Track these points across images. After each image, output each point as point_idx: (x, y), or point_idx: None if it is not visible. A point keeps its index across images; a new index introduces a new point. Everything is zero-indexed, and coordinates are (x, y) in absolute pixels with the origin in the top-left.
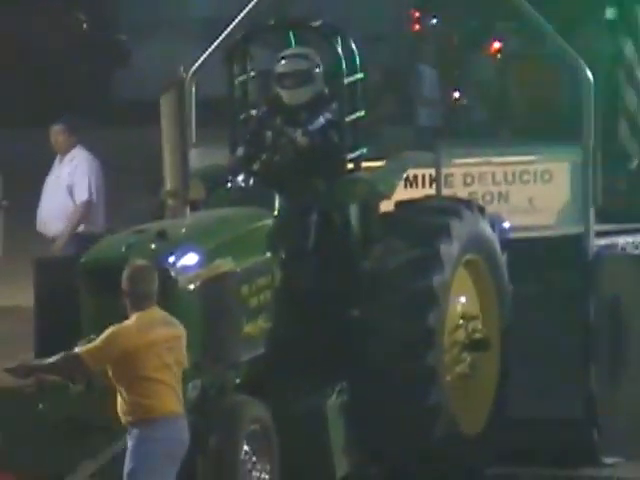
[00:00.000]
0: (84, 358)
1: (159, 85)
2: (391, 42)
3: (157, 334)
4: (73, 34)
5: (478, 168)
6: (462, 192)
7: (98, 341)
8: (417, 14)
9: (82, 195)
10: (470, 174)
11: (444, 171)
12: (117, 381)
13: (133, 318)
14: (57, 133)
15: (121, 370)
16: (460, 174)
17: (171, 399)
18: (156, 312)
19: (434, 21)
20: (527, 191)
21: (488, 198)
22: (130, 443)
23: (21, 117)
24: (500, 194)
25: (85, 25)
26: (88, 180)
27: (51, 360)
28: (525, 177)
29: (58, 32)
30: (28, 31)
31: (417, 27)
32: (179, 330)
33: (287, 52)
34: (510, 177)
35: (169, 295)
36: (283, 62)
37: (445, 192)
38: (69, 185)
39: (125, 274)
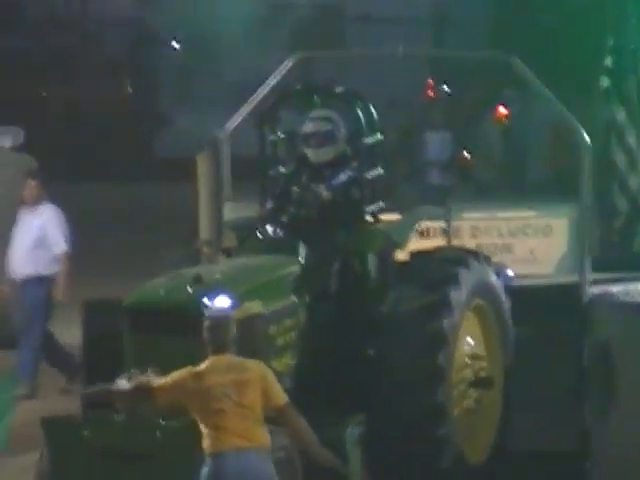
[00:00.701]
0: (155, 390)
1: (196, 145)
2: (406, 107)
3: (215, 380)
4: (118, 99)
5: (485, 222)
6: (470, 243)
7: (170, 377)
8: (431, 81)
9: (61, 245)
10: (477, 227)
11: (453, 224)
12: (193, 415)
13: (205, 363)
14: (32, 187)
15: (190, 407)
16: (468, 227)
17: (226, 437)
18: (226, 359)
19: (446, 88)
20: (529, 243)
21: (493, 249)
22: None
23: (72, 172)
24: (504, 246)
25: (130, 90)
26: (62, 232)
27: (125, 388)
28: (527, 231)
29: (105, 98)
30: (77, 96)
31: (430, 93)
32: (244, 376)
33: (313, 114)
34: (513, 230)
35: (202, 335)
36: (309, 124)
37: (454, 243)
38: (40, 237)
39: (205, 323)
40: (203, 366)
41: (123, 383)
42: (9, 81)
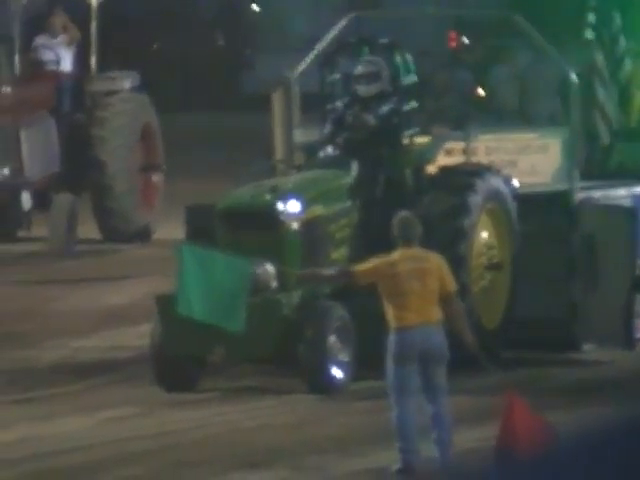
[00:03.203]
0: (355, 274)
1: (272, 84)
2: (435, 54)
3: (403, 267)
4: (212, 49)
5: (496, 142)
6: (484, 159)
7: (366, 264)
8: (453, 34)
9: None
10: (490, 147)
11: (471, 145)
12: (382, 295)
13: (395, 253)
14: None
15: (382, 288)
16: (483, 147)
17: (409, 315)
18: (411, 251)
19: (465, 39)
20: (530, 159)
21: (503, 164)
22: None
23: (179, 106)
24: (511, 161)
25: (221, 41)
26: None
27: (330, 271)
28: (529, 149)
29: (202, 48)
30: (180, 47)
31: (453, 44)
32: (427, 264)
33: (362, 59)
34: (518, 149)
35: (278, 231)
36: (359, 66)
37: (472, 159)
38: None
39: (394, 221)
40: (395, 256)
41: (328, 269)
42: (126, 36)
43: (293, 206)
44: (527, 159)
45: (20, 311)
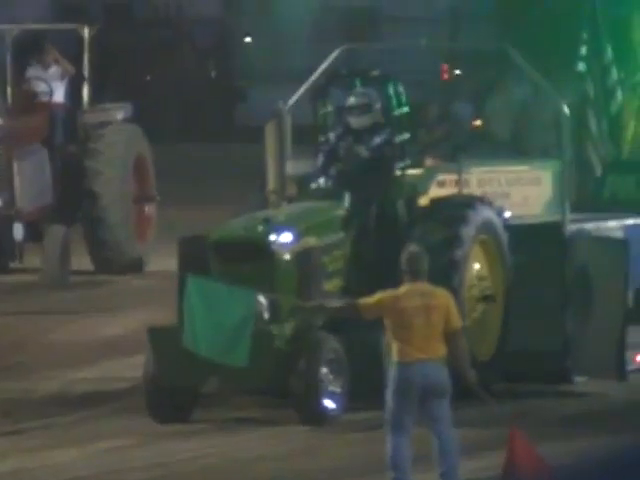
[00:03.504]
0: (361, 307)
1: (265, 116)
2: (428, 86)
3: (409, 302)
4: (205, 81)
5: (488, 174)
6: (477, 191)
7: (372, 298)
8: (445, 67)
9: None
10: (483, 178)
11: (464, 176)
12: (387, 329)
13: (402, 288)
14: None
15: (387, 322)
16: (475, 179)
17: (412, 350)
18: (418, 286)
19: (457, 71)
20: (523, 191)
21: (495, 196)
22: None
23: (166, 136)
24: (504, 193)
25: (214, 74)
26: None
27: (336, 304)
28: (522, 181)
29: (195, 80)
30: (173, 79)
31: (445, 76)
32: (434, 301)
33: (354, 91)
34: (511, 181)
35: (271, 263)
36: (351, 98)
37: (465, 191)
38: None
39: (403, 255)
40: (401, 290)
41: (334, 301)
42: (119, 68)
43: (285, 237)
44: (520, 191)
45: (14, 342)
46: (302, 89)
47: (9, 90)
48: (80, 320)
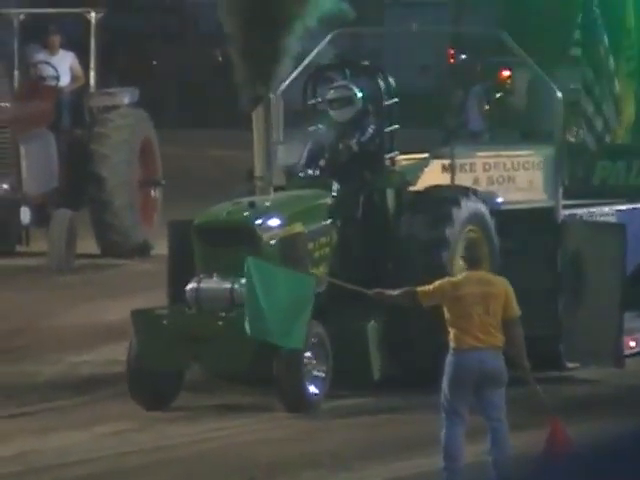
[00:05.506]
0: (419, 295)
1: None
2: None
3: (468, 290)
4: (210, 65)
5: (494, 159)
6: (482, 176)
7: (431, 285)
8: (452, 51)
9: None
10: (488, 163)
11: (470, 160)
12: (445, 316)
13: (460, 276)
14: None
15: (445, 310)
16: (481, 163)
17: (468, 338)
18: (477, 274)
19: (463, 56)
20: (528, 175)
21: (500, 180)
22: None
23: (174, 121)
24: (509, 177)
25: (220, 58)
26: None
27: (396, 292)
28: (527, 165)
29: (200, 65)
30: (178, 64)
31: (451, 60)
32: (493, 289)
33: (334, 85)
34: (515, 165)
35: (255, 247)
36: (330, 92)
37: (470, 175)
38: None
39: (462, 243)
40: (460, 278)
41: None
42: (125, 53)
43: (271, 222)
44: (525, 175)
45: (18, 326)
46: (295, 73)
47: (16, 74)
48: (85, 304)
